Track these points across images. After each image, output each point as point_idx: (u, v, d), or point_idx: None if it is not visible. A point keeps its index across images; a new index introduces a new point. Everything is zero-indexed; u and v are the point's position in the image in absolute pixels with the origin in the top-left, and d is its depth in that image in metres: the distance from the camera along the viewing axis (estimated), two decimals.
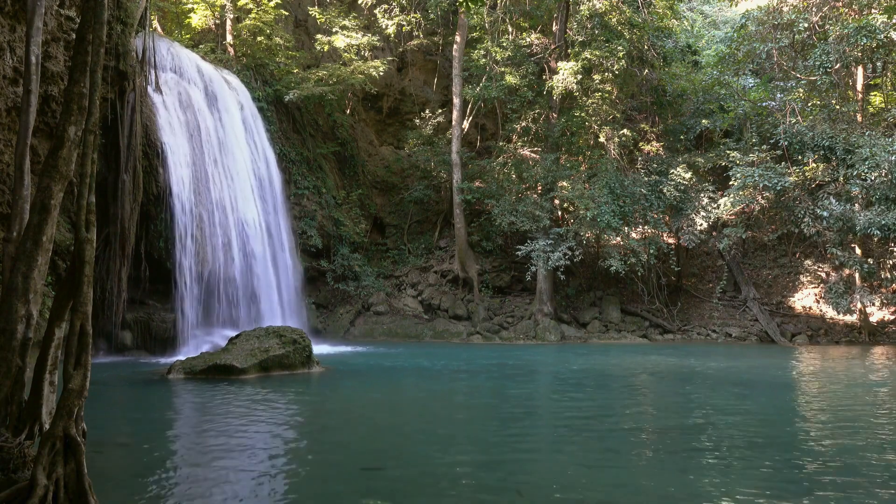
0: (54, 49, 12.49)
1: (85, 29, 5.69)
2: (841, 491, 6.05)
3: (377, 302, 25.83)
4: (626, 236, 24.10)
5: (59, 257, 13.86)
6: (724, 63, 25.40)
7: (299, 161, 25.65)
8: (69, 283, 5.38)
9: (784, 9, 22.80)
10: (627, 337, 24.09)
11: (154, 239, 18.55)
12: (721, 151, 25.03)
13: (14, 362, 5.28)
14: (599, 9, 23.50)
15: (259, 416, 9.66)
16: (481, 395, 12.31)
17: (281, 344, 14.05)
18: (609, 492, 6.10)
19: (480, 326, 24.64)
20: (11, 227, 5.91)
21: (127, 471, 6.78)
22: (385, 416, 10.10)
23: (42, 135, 12.92)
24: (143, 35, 17.75)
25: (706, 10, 36.73)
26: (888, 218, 19.59)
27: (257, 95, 23.85)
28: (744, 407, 10.66)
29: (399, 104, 31.59)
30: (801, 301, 25.24)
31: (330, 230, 25.92)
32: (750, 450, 7.65)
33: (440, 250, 28.18)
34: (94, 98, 5.68)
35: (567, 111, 25.75)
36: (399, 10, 27.60)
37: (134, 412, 10.55)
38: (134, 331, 18.45)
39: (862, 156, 20.01)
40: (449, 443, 8.19)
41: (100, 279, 16.55)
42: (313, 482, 6.48)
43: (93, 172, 5.65)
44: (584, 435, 8.62)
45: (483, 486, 6.25)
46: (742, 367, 16.01)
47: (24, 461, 5.11)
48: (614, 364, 16.76)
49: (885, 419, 9.70)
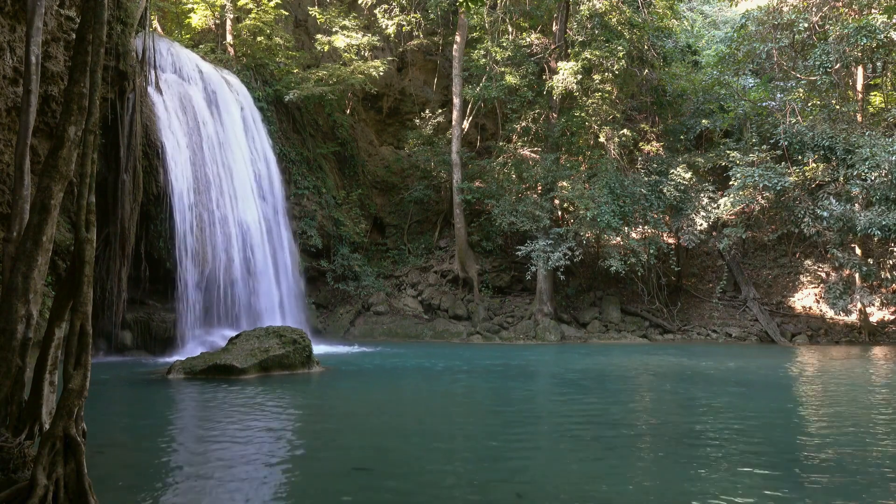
0: (54, 49, 12.49)
1: (85, 29, 5.69)
2: (841, 491, 6.05)
3: (377, 302, 25.83)
4: (626, 236, 24.10)
5: (59, 257, 13.86)
6: (724, 63, 25.40)
7: (299, 161, 25.66)
8: (69, 283, 5.38)
9: (784, 9, 22.80)
10: (627, 337, 24.09)
11: (154, 239, 18.55)
12: (721, 151, 25.02)
13: (14, 362, 5.28)
14: (599, 9, 23.50)
15: (259, 416, 9.67)
16: (481, 395, 12.31)
17: (281, 344, 14.05)
18: (609, 494, 6.10)
19: (480, 326, 24.63)
20: (11, 227, 5.91)
21: (127, 471, 6.78)
22: (385, 417, 10.10)
23: (42, 135, 12.92)
24: (143, 35, 17.74)
25: (706, 10, 36.72)
26: (888, 218, 19.58)
27: (257, 95, 23.85)
28: (744, 407, 10.66)
29: (399, 104, 31.59)
30: (801, 301, 25.24)
31: (330, 230, 25.93)
32: (751, 451, 7.65)
33: (440, 250, 28.18)
34: (94, 98, 5.68)
35: (567, 111, 25.74)
36: (399, 10, 27.60)
37: (134, 412, 10.55)
38: (134, 331, 18.45)
39: (862, 156, 20.01)
40: (448, 444, 8.20)
41: (100, 279, 16.54)
42: (313, 482, 6.48)
43: (93, 172, 5.65)
44: (585, 436, 8.61)
45: (481, 488, 6.25)
46: (742, 368, 16.00)
47: (24, 461, 5.10)
48: (614, 364, 16.76)
49: (886, 420, 9.71)
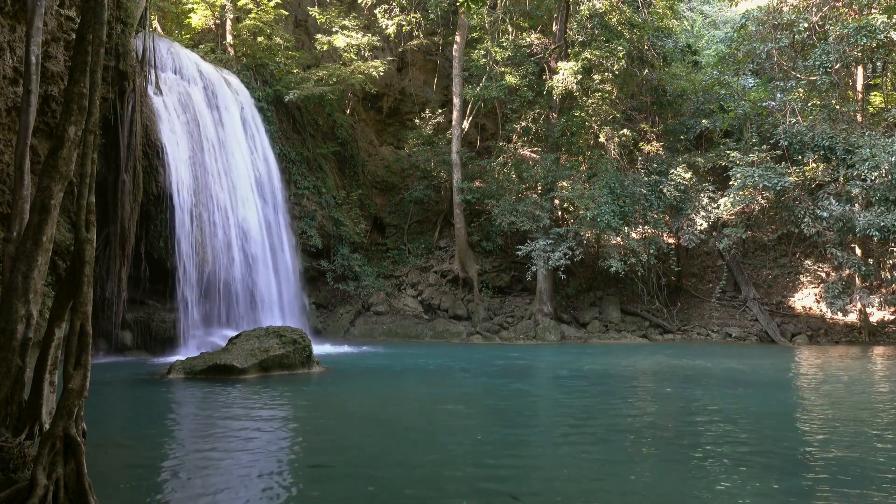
0: (54, 49, 12.49)
1: (85, 29, 5.69)
2: (842, 491, 6.05)
3: (377, 302, 25.83)
4: (626, 236, 24.10)
5: (59, 257, 13.86)
6: (724, 63, 25.40)
7: (299, 161, 25.66)
8: (69, 283, 5.38)
9: (784, 9, 22.80)
10: (627, 337, 24.09)
11: (154, 239, 18.55)
12: (721, 151, 25.02)
13: (14, 362, 5.28)
14: (599, 9, 23.50)
15: (259, 416, 9.67)
16: (480, 395, 12.30)
17: (281, 344, 14.05)
18: (609, 495, 6.09)
19: (480, 326, 24.63)
20: (11, 227, 5.91)
21: (127, 471, 6.78)
22: (384, 417, 10.10)
23: (42, 135, 12.92)
24: (143, 35, 17.74)
25: (706, 10, 36.73)
26: (888, 219, 19.57)
27: (257, 95, 23.85)
28: (744, 407, 10.66)
29: (399, 104, 31.59)
30: (801, 301, 25.24)
31: (330, 230, 25.93)
32: (751, 451, 7.65)
33: (440, 250, 28.18)
34: (94, 98, 5.68)
35: (567, 111, 25.75)
36: (399, 10, 27.61)
37: (134, 412, 10.55)
38: (134, 331, 18.45)
39: (862, 156, 20.00)
40: (447, 445, 8.19)
41: (100, 279, 16.54)
42: (312, 482, 6.48)
43: (93, 172, 5.66)
44: (584, 437, 8.61)
45: (480, 490, 6.25)
46: (742, 368, 16.00)
47: (24, 461, 5.10)
48: (614, 364, 16.75)
49: (886, 420, 9.70)
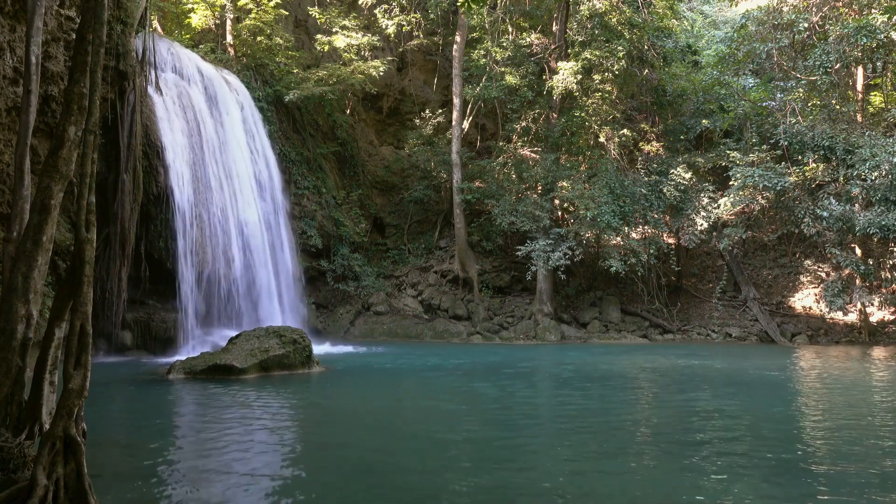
0: (54, 49, 12.50)
1: (85, 29, 5.69)
2: (842, 492, 6.05)
3: (377, 302, 25.83)
4: (626, 236, 24.09)
5: (59, 257, 13.86)
6: (724, 63, 25.40)
7: (299, 161, 25.66)
8: (69, 283, 5.38)
9: (784, 9, 22.79)
10: (627, 337, 24.08)
11: (154, 239, 18.56)
12: (721, 151, 25.02)
13: (14, 362, 5.28)
14: (599, 9, 23.49)
15: (259, 416, 9.67)
16: (480, 395, 12.30)
17: (281, 344, 14.05)
18: (609, 497, 6.09)
19: (480, 326, 24.63)
20: (11, 227, 5.91)
21: (127, 471, 6.78)
22: (384, 417, 10.10)
23: (42, 135, 12.93)
24: (143, 35, 17.74)
25: (706, 10, 36.72)
26: (888, 218, 19.56)
27: (257, 95, 23.85)
28: (744, 407, 10.66)
29: (399, 104, 31.58)
30: (801, 301, 25.23)
31: (330, 230, 25.93)
32: (751, 451, 7.65)
33: (440, 250, 28.18)
34: (94, 98, 5.68)
35: (567, 111, 25.74)
36: (399, 10, 27.61)
37: (134, 412, 10.55)
38: (134, 331, 18.46)
39: (862, 156, 19.99)
40: (447, 444, 8.19)
41: (100, 279, 16.54)
42: (311, 483, 6.48)
43: (93, 172, 5.66)
44: (584, 437, 8.61)
45: (480, 490, 6.25)
46: (742, 368, 16.00)
47: (24, 461, 5.11)
48: (614, 364, 16.75)
49: (886, 420, 9.70)
